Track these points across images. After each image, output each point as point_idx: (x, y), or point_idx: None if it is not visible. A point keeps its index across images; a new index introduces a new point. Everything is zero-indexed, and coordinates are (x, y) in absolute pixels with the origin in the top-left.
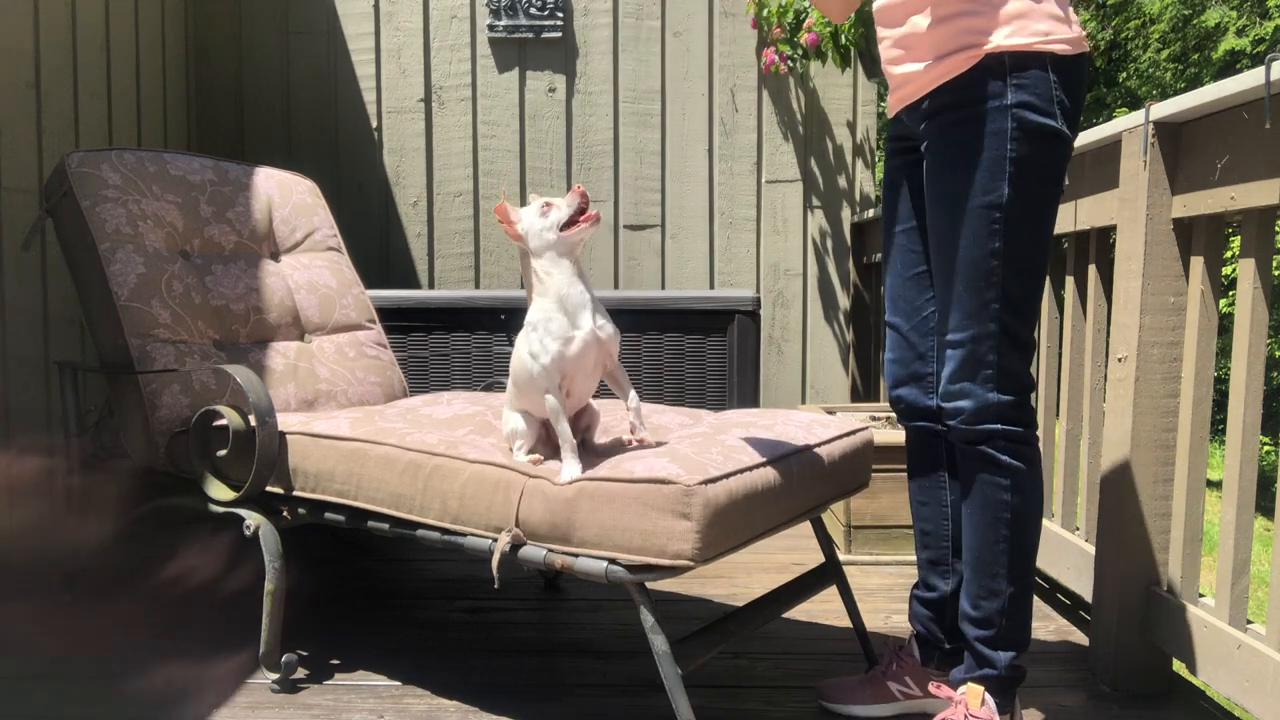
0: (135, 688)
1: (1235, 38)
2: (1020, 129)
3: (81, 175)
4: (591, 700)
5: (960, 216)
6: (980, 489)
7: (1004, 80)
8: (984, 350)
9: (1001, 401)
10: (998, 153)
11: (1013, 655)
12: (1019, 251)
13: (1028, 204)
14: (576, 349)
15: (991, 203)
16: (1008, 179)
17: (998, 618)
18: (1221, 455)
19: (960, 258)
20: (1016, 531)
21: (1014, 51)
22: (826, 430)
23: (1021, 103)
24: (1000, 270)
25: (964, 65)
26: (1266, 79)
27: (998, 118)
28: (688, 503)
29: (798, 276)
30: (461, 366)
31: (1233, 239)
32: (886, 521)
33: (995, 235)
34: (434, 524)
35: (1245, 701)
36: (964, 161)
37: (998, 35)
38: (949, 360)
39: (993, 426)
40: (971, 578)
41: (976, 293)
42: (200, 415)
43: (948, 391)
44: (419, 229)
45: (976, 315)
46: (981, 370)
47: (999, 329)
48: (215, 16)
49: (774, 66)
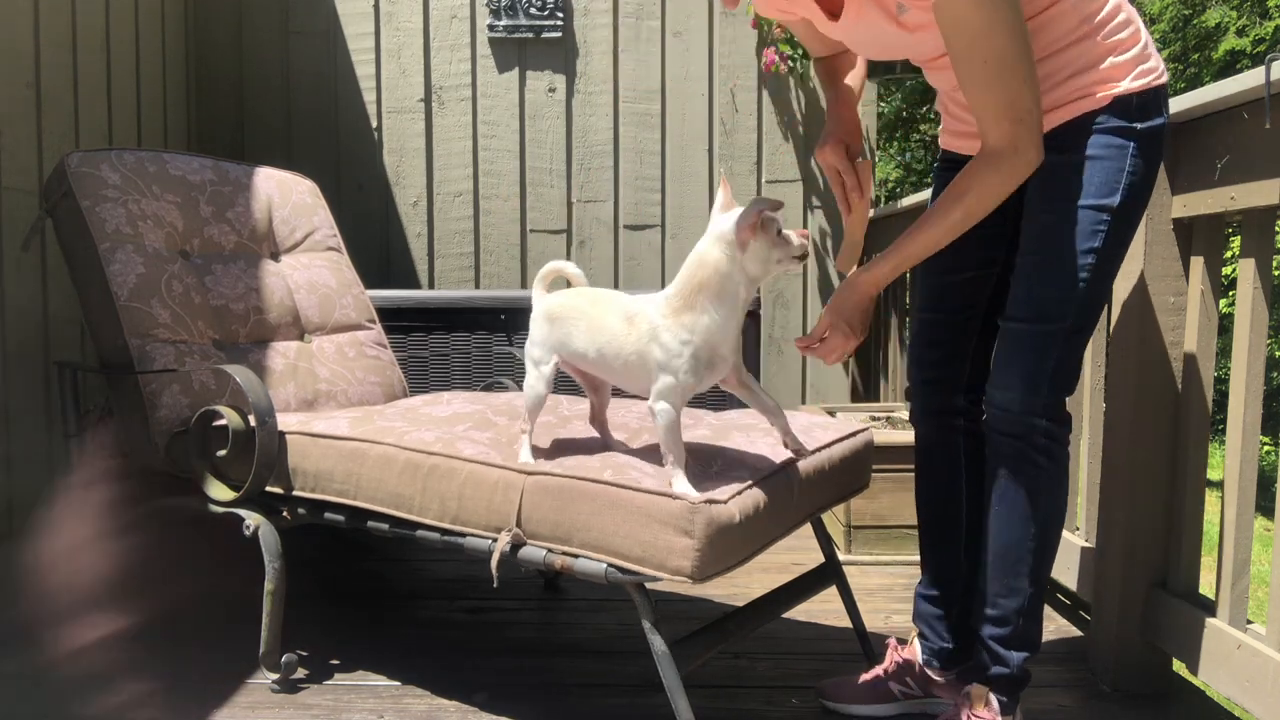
0: (135, 687)
1: (1235, 38)
2: (1139, 151)
3: (81, 175)
4: (591, 700)
5: (1070, 211)
6: (1013, 485)
7: (1130, 111)
8: (1049, 342)
9: (1051, 397)
10: (1118, 164)
11: (1025, 656)
12: (1109, 256)
13: (1128, 216)
14: (712, 374)
15: (1103, 205)
16: (1121, 189)
17: (1015, 616)
18: (1221, 455)
19: (1059, 249)
20: (1043, 531)
21: (1138, 92)
22: (827, 433)
23: (1143, 131)
24: (1090, 268)
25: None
26: (1266, 79)
27: (1121, 137)
28: (691, 520)
29: (798, 277)
30: (461, 366)
31: (1233, 239)
32: (886, 521)
33: (1097, 235)
34: (433, 524)
35: (1245, 701)
36: (1086, 166)
37: (1125, 82)
38: (1009, 348)
39: (1037, 421)
40: (993, 575)
41: (1062, 284)
42: (200, 415)
43: (1002, 380)
44: (419, 229)
45: (1055, 305)
46: (1042, 360)
47: (1070, 324)
48: (215, 17)
49: (774, 66)
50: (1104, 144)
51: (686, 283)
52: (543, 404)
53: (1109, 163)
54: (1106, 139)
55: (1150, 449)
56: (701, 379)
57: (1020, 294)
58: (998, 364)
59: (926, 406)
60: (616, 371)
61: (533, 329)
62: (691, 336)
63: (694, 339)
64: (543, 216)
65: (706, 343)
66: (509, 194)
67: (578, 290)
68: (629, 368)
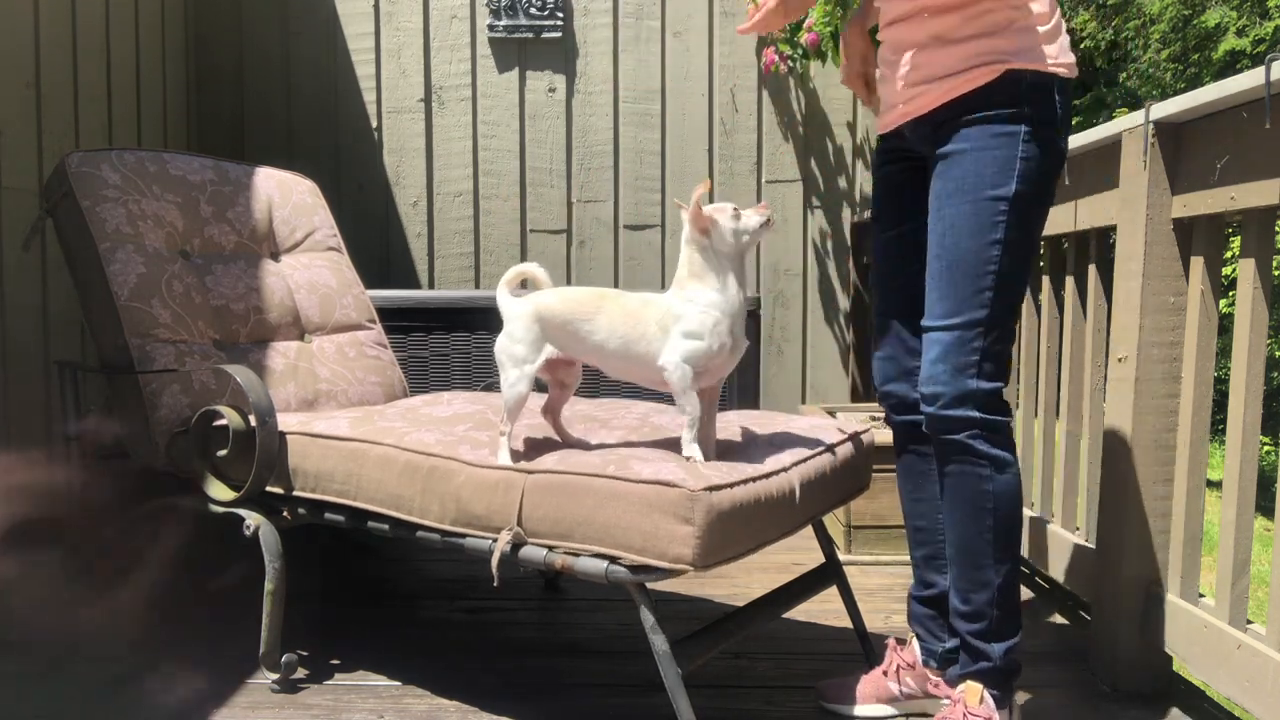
0: (135, 688)
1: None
2: (1031, 135)
3: (81, 175)
4: (591, 700)
5: (968, 207)
6: (961, 479)
7: (1019, 95)
8: (971, 335)
9: (981, 389)
10: (1010, 153)
11: (1008, 646)
12: (1015, 245)
13: (1029, 202)
14: (726, 356)
15: (1000, 195)
16: (1016, 176)
17: (988, 609)
18: (1221, 455)
19: (962, 246)
20: (1000, 520)
21: (1031, 70)
22: (829, 435)
23: (1034, 115)
24: (998, 260)
25: (984, 79)
26: (1266, 79)
27: (1012, 125)
28: (691, 507)
29: (798, 277)
30: (461, 366)
31: (1233, 239)
32: (886, 521)
33: (998, 226)
34: (433, 525)
35: (1245, 701)
36: (978, 159)
37: (1016, 57)
38: (932, 346)
39: (971, 414)
40: (959, 572)
41: (972, 280)
42: (200, 415)
43: (930, 376)
44: (419, 229)
45: (969, 301)
46: (967, 356)
47: (988, 316)
48: (215, 16)
49: (774, 66)
50: (995, 133)
51: (683, 271)
52: (524, 404)
53: (1000, 152)
54: (998, 127)
55: (1150, 449)
56: (724, 352)
57: (934, 298)
58: (924, 368)
59: (894, 408)
60: (638, 360)
61: (515, 328)
62: (710, 307)
63: (714, 309)
64: (543, 216)
65: (724, 313)
66: (509, 194)
67: (571, 290)
68: (653, 354)
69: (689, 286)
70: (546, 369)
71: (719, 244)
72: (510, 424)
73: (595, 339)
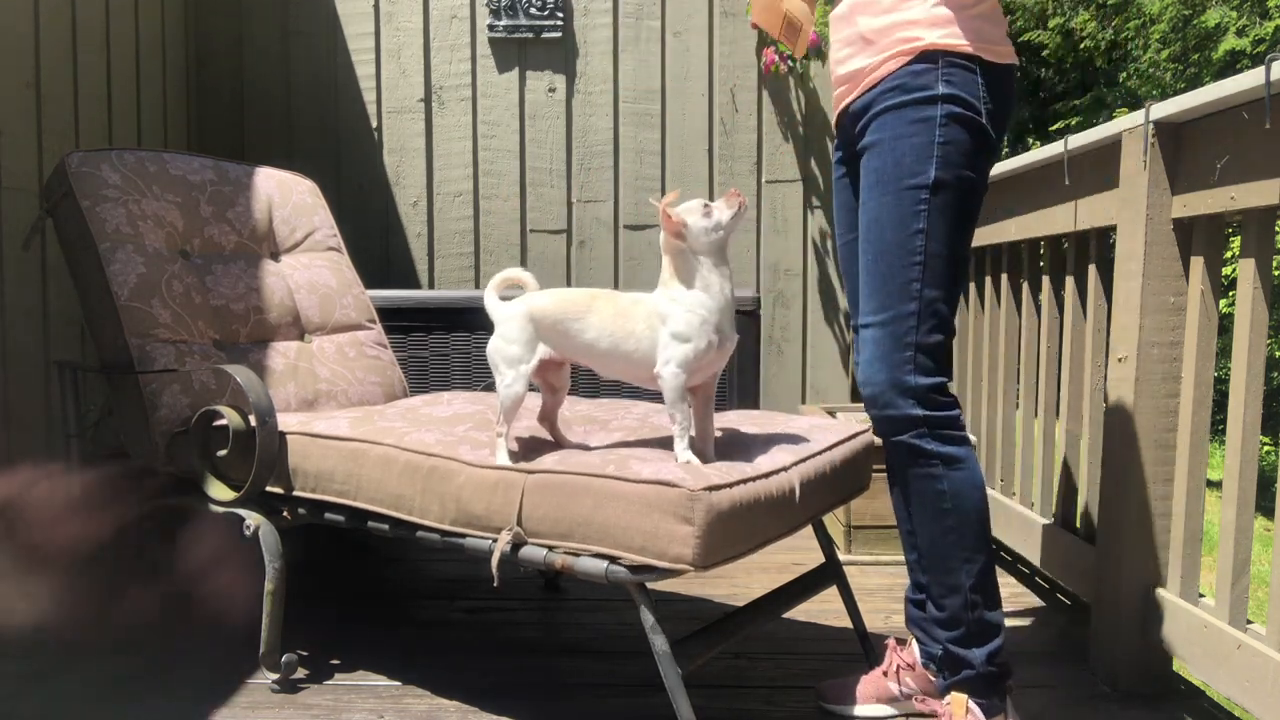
0: (134, 687)
1: (1235, 38)
2: (948, 117)
3: (81, 175)
4: (591, 700)
5: (889, 199)
6: (915, 483)
7: (936, 74)
8: (903, 330)
9: (919, 384)
10: (927, 138)
11: (989, 650)
12: (942, 234)
13: (952, 188)
14: (715, 353)
15: (919, 184)
16: (934, 162)
17: (963, 613)
18: (1221, 455)
19: (886, 238)
20: (961, 518)
21: (945, 50)
22: (828, 435)
23: (950, 96)
24: (923, 250)
25: (900, 61)
26: (1266, 79)
27: (928, 108)
28: (691, 507)
29: (798, 276)
30: (461, 366)
31: (1233, 239)
32: (886, 521)
33: (920, 215)
34: (433, 525)
35: (1245, 701)
36: (895, 147)
37: (931, 34)
38: (865, 345)
39: (914, 412)
40: (931, 578)
41: (899, 272)
42: (200, 415)
43: (865, 378)
44: (419, 229)
45: (897, 294)
46: (900, 351)
47: (919, 308)
48: (216, 16)
49: (774, 66)
50: (911, 119)
51: (666, 273)
52: (520, 404)
53: (917, 139)
54: (913, 112)
55: (1150, 449)
56: (712, 350)
57: (864, 294)
58: (860, 370)
59: None
60: (626, 358)
61: (509, 329)
62: (696, 306)
63: (700, 308)
64: (543, 216)
65: (710, 310)
66: (509, 194)
67: (564, 290)
68: (641, 353)
69: (673, 287)
70: (538, 372)
71: (695, 244)
72: (507, 425)
73: (585, 338)
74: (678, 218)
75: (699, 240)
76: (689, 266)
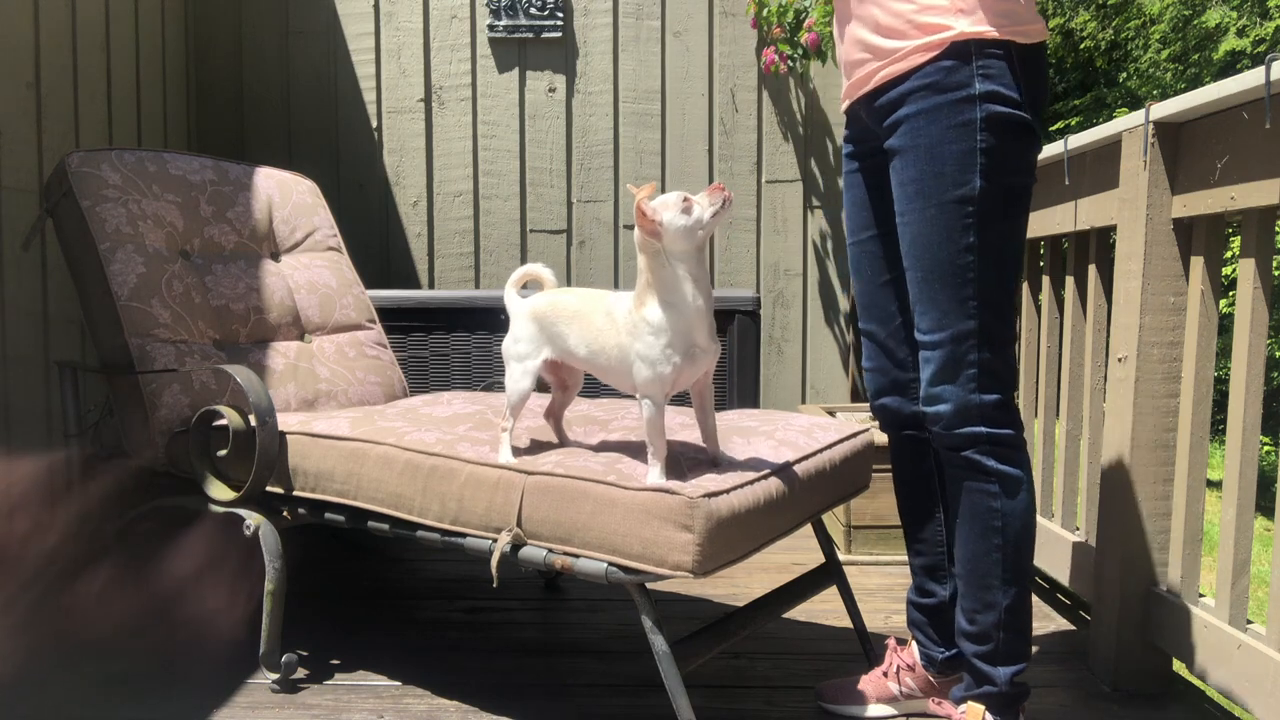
0: (134, 687)
1: (1236, 38)
2: (987, 119)
3: (81, 175)
4: (591, 700)
5: (932, 212)
6: (968, 498)
7: (970, 71)
8: (964, 350)
9: (985, 402)
10: (967, 145)
11: (1013, 670)
12: (993, 245)
13: (1000, 196)
14: (689, 370)
15: (963, 196)
16: (979, 171)
17: (994, 631)
18: (1221, 455)
19: (934, 255)
20: (1009, 540)
21: (979, 39)
22: (828, 435)
23: (988, 94)
24: (975, 266)
25: (927, 55)
26: (1266, 79)
27: (965, 109)
28: (690, 515)
29: (798, 277)
30: (461, 366)
31: (1233, 239)
32: (886, 521)
33: (969, 230)
34: (433, 525)
35: (1245, 701)
36: (933, 156)
37: (961, 22)
38: (927, 363)
39: (977, 430)
40: (965, 591)
41: (952, 290)
42: (200, 415)
43: (929, 395)
44: (419, 229)
45: (954, 313)
46: (963, 370)
47: (977, 326)
48: (215, 16)
49: (774, 66)
50: (948, 124)
51: (641, 280)
52: (526, 400)
53: (956, 145)
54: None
55: (1150, 449)
56: (681, 371)
57: (919, 310)
58: (924, 380)
59: (887, 420)
60: (603, 368)
61: (516, 327)
62: (663, 328)
63: (666, 330)
64: (543, 216)
65: (679, 332)
66: (509, 194)
67: (563, 290)
68: (614, 364)
69: (647, 303)
70: (549, 369)
71: (673, 245)
72: (512, 420)
73: (569, 342)
74: (654, 215)
75: (676, 242)
76: (663, 274)
